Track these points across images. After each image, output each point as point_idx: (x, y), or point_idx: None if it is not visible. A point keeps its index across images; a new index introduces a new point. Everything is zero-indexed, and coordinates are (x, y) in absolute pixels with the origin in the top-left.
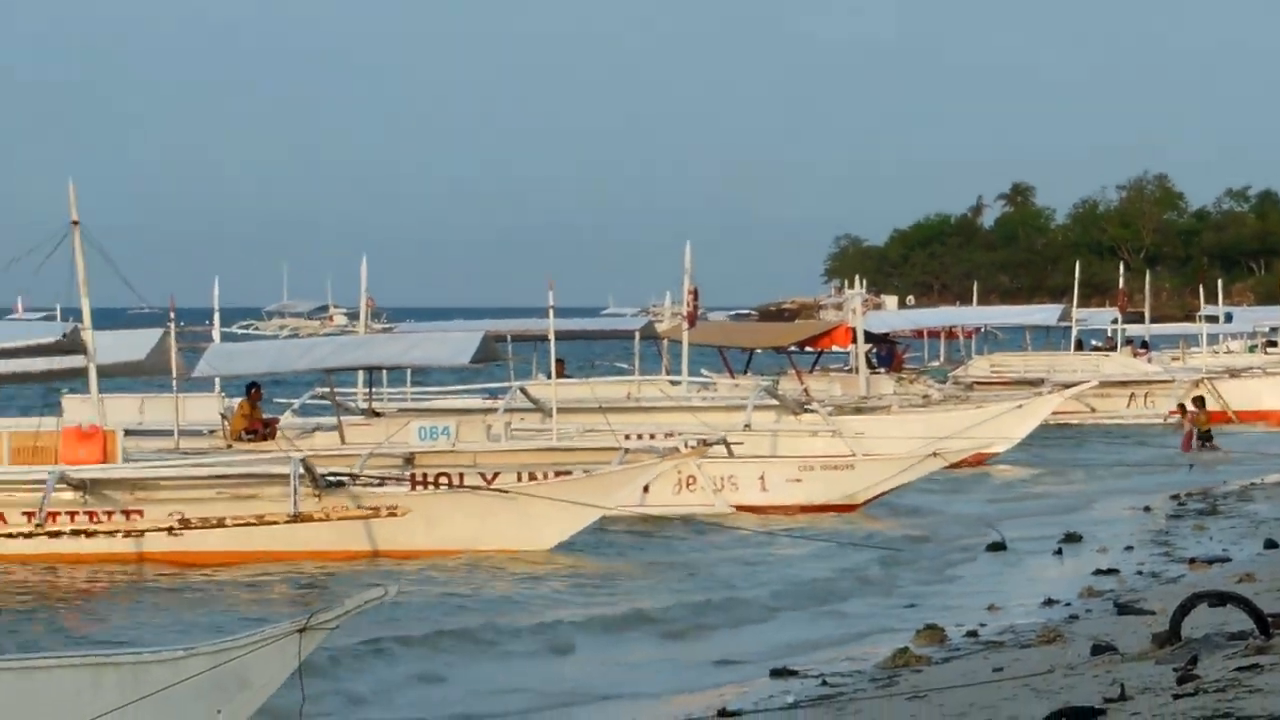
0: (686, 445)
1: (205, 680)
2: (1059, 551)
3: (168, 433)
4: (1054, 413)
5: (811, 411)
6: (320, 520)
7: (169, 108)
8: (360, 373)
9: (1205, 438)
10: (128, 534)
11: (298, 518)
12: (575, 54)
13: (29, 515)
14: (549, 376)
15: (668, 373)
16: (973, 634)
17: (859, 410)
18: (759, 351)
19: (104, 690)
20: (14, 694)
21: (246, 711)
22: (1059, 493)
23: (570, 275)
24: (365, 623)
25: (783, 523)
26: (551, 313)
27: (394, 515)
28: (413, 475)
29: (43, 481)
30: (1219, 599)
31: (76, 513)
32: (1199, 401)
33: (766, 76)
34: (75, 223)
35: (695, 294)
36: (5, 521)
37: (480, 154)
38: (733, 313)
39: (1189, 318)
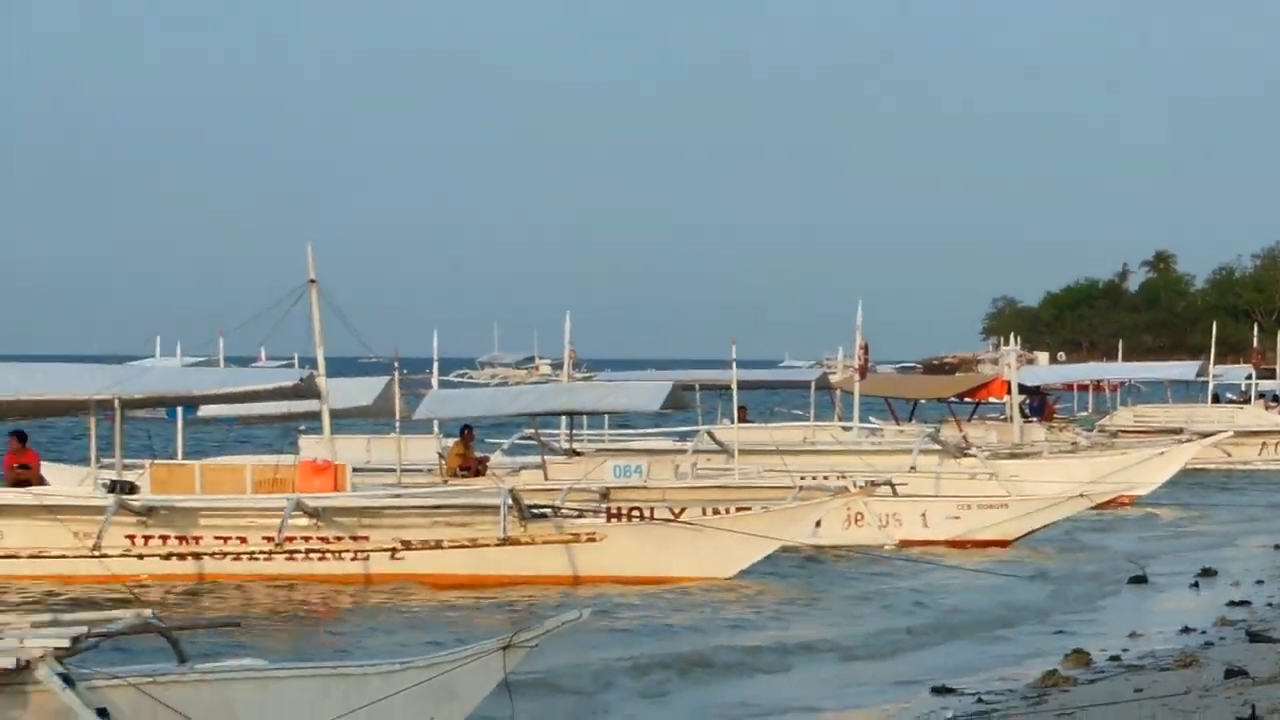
0: (855, 485)
1: (418, 691)
2: (1196, 585)
3: (391, 469)
4: (1192, 460)
5: (970, 456)
6: (525, 545)
7: (397, 178)
8: (562, 417)
9: None
10: (355, 556)
11: (506, 542)
12: (758, 135)
13: (269, 538)
14: (733, 422)
15: (840, 420)
16: (1115, 658)
17: (1013, 455)
18: (923, 401)
19: (331, 698)
20: (254, 700)
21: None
22: (1197, 532)
23: (751, 331)
24: (576, 644)
25: (960, 557)
26: (734, 365)
27: (591, 543)
28: (608, 508)
29: (281, 509)
30: None
31: (310, 537)
32: None
33: (933, 153)
34: (312, 281)
35: (866, 349)
36: (248, 543)
37: (672, 220)
38: (899, 366)
39: None
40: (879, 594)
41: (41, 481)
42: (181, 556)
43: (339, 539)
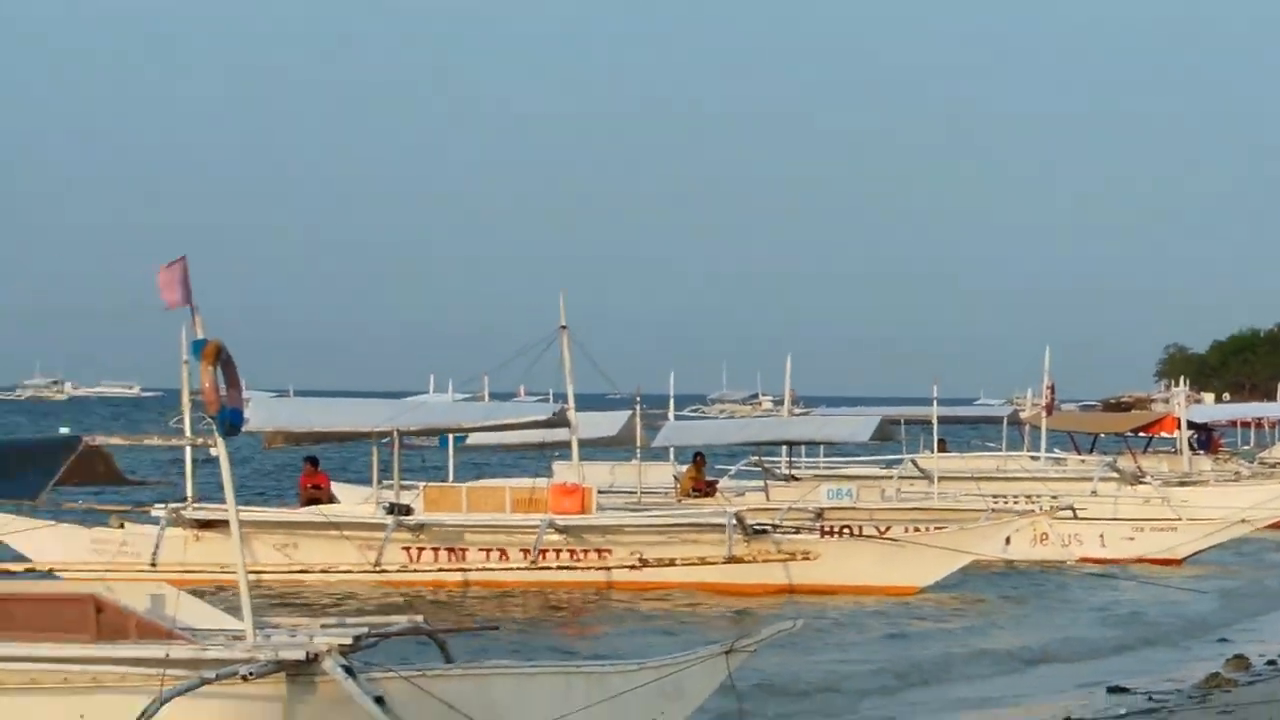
0: (1041, 508)
1: (651, 689)
2: None
3: (631, 492)
4: None
5: (1144, 484)
6: (749, 562)
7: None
8: (782, 446)
9: None
10: (600, 568)
11: (731, 559)
12: (973, 186)
13: (525, 552)
14: (933, 452)
15: (1028, 451)
16: (1272, 663)
17: (1182, 483)
18: (1102, 435)
19: (575, 693)
20: (509, 694)
21: (680, 716)
22: None
23: (950, 371)
24: (799, 648)
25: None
26: (935, 402)
27: (806, 559)
28: (821, 526)
29: (536, 526)
30: None
31: (560, 550)
32: None
33: (1116, 212)
34: (563, 327)
35: (1052, 389)
36: (507, 557)
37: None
38: (1081, 404)
39: None
40: (1064, 605)
41: (331, 500)
42: (449, 568)
43: (585, 553)
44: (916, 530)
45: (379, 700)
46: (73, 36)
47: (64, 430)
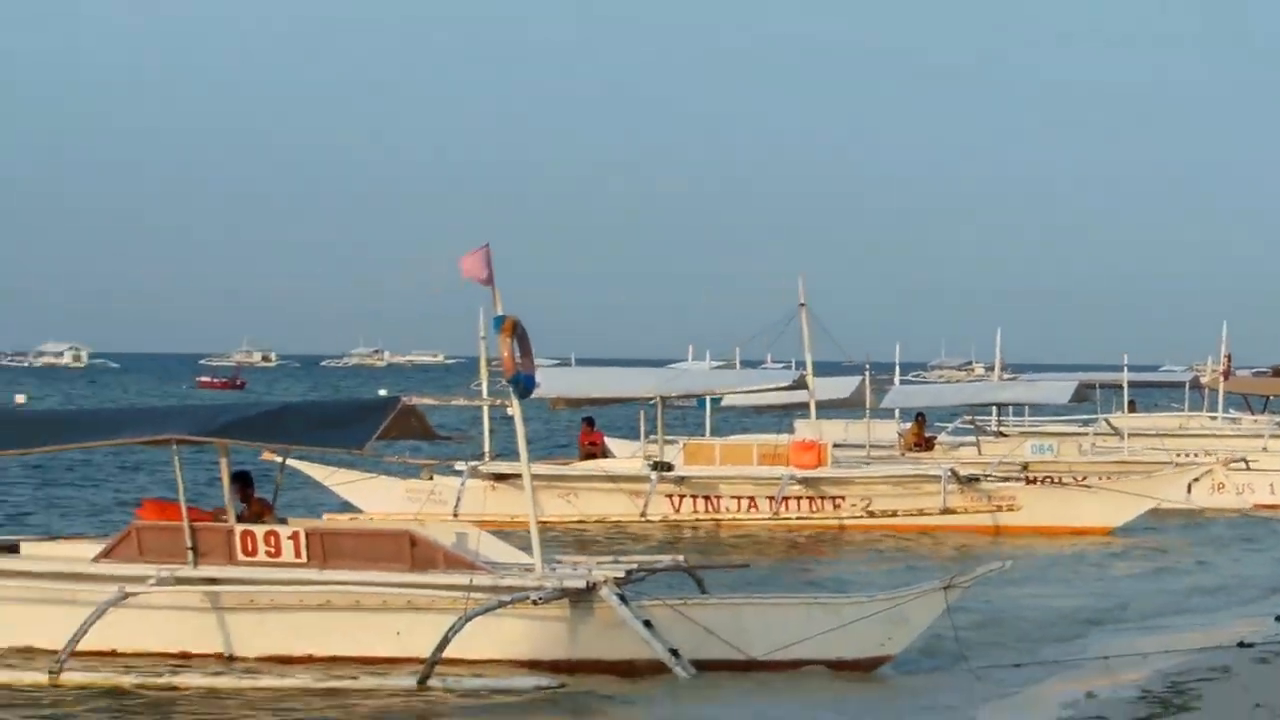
0: (1219, 462)
1: (879, 618)
2: None
3: (861, 446)
4: None
5: None
6: (962, 511)
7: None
8: (993, 407)
9: None
10: (833, 515)
11: (946, 510)
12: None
13: (770, 500)
14: (1124, 412)
15: (1208, 411)
16: None
17: None
18: (1273, 397)
19: (814, 621)
20: (756, 621)
21: (904, 643)
22: None
23: (1138, 341)
24: (1005, 584)
25: None
26: (1125, 369)
27: (1011, 508)
28: (1026, 476)
29: (780, 478)
30: None
31: (800, 498)
32: None
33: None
34: (802, 305)
35: (1229, 357)
36: (755, 505)
37: (1070, 253)
38: (1255, 370)
39: None
40: (1241, 547)
41: (606, 455)
42: (705, 514)
43: (821, 501)
44: (1109, 479)
45: (647, 624)
46: None
47: (383, 392)
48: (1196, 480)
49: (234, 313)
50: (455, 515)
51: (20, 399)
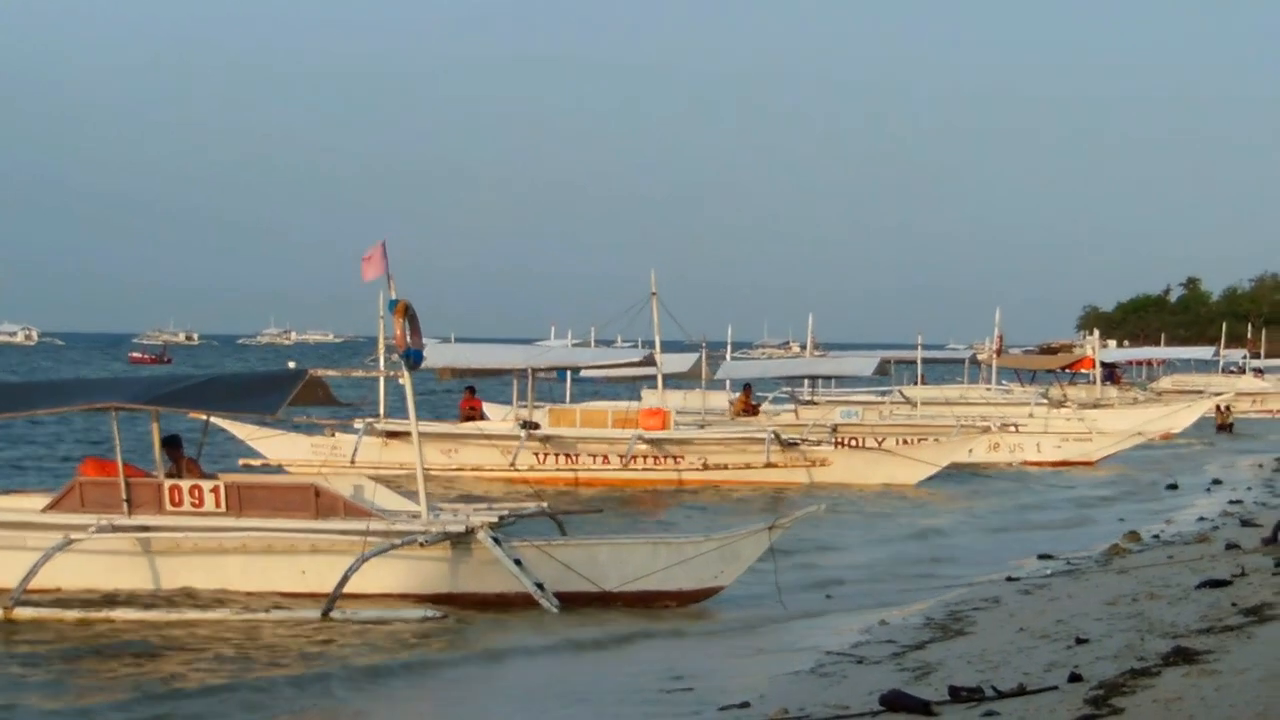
0: (994, 426)
1: (714, 555)
2: (1209, 489)
3: (697, 413)
4: (1209, 411)
5: (1067, 407)
6: (782, 467)
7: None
8: (805, 380)
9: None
10: (674, 470)
11: (769, 465)
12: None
13: (621, 458)
14: (916, 384)
15: (985, 384)
16: (1156, 536)
17: (1095, 406)
18: (1038, 372)
19: (659, 557)
20: (609, 557)
21: (735, 574)
22: (1210, 456)
23: (928, 323)
24: (817, 527)
25: (1071, 475)
26: (919, 347)
27: (824, 465)
28: (836, 439)
29: (629, 439)
30: None
31: (646, 457)
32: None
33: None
34: (653, 294)
35: (1001, 337)
36: (608, 461)
37: (896, 223)
38: (1024, 349)
39: None
40: (1010, 496)
41: (483, 418)
42: (565, 469)
43: (664, 459)
44: (905, 442)
45: (517, 562)
46: None
47: (292, 364)
48: (977, 442)
49: (160, 295)
50: (353, 463)
51: None
